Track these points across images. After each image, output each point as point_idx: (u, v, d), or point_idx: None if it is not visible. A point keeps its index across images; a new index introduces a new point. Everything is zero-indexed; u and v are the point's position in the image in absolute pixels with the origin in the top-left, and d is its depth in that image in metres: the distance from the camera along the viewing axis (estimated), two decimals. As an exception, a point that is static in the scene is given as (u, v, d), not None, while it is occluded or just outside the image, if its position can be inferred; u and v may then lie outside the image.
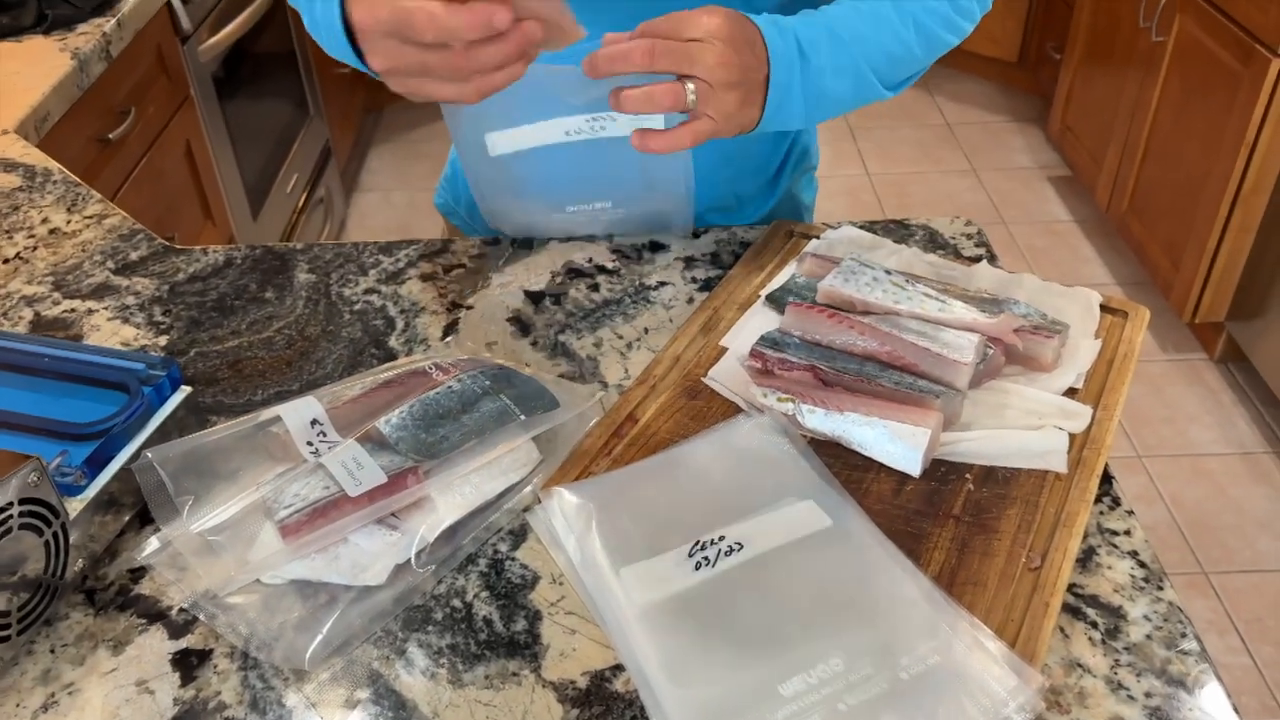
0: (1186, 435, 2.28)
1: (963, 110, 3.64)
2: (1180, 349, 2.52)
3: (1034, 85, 3.55)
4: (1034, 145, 3.40)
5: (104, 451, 0.72)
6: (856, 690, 0.62)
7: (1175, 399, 2.37)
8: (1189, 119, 2.38)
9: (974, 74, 3.84)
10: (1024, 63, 3.58)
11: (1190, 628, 0.67)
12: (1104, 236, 2.92)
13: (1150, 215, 2.58)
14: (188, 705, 0.65)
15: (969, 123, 3.56)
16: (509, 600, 0.71)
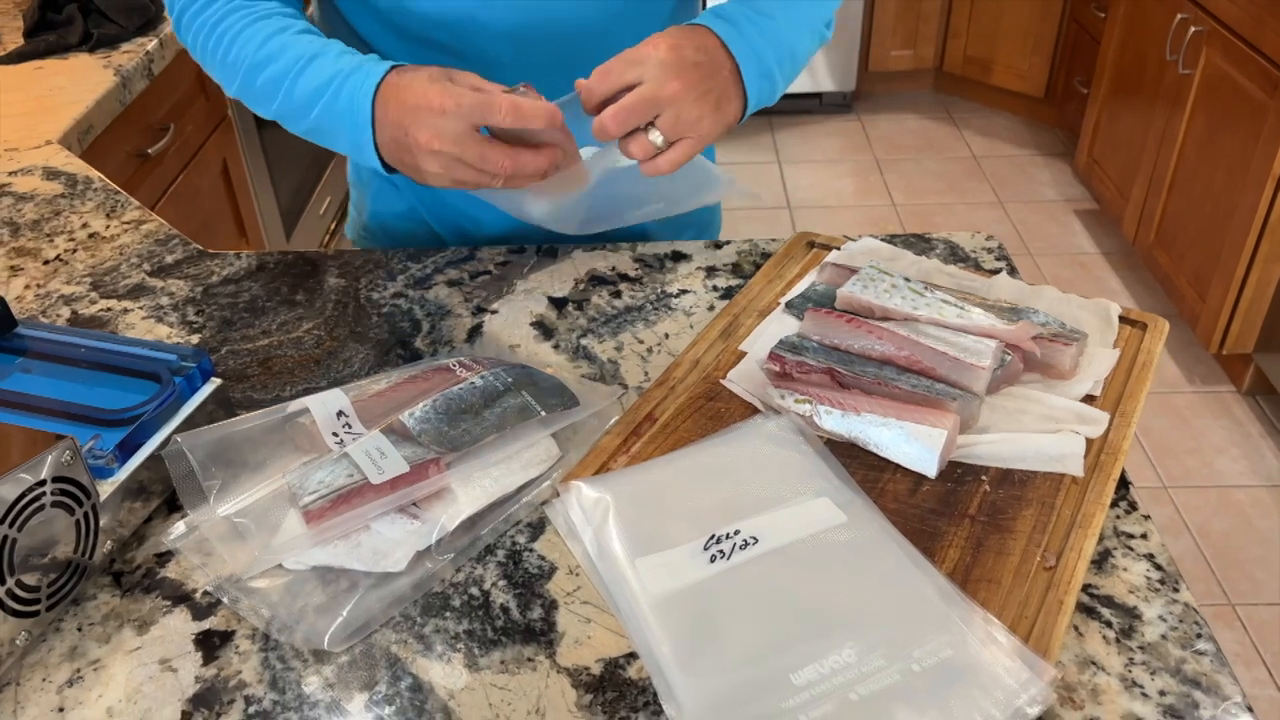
0: (1214, 467, 2.26)
1: (990, 144, 3.65)
2: (1208, 381, 2.50)
3: (1061, 120, 3.56)
4: (1061, 179, 3.40)
5: (135, 437, 0.74)
6: (868, 681, 0.62)
7: (1202, 430, 2.35)
8: (1215, 151, 2.38)
9: (1001, 109, 3.86)
10: (1051, 98, 3.59)
11: (1206, 628, 0.67)
12: (1131, 269, 2.91)
13: (1177, 247, 2.57)
14: (209, 683, 0.66)
15: (996, 156, 3.57)
16: (526, 589, 0.71)
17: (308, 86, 0.87)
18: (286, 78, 0.88)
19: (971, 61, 3.75)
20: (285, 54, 0.89)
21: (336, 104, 0.86)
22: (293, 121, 0.92)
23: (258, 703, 0.65)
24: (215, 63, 0.94)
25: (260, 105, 0.93)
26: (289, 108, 0.90)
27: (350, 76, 0.86)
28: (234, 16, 0.92)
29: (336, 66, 0.87)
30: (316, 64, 0.87)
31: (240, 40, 0.91)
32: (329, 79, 0.86)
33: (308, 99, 0.88)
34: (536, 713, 0.63)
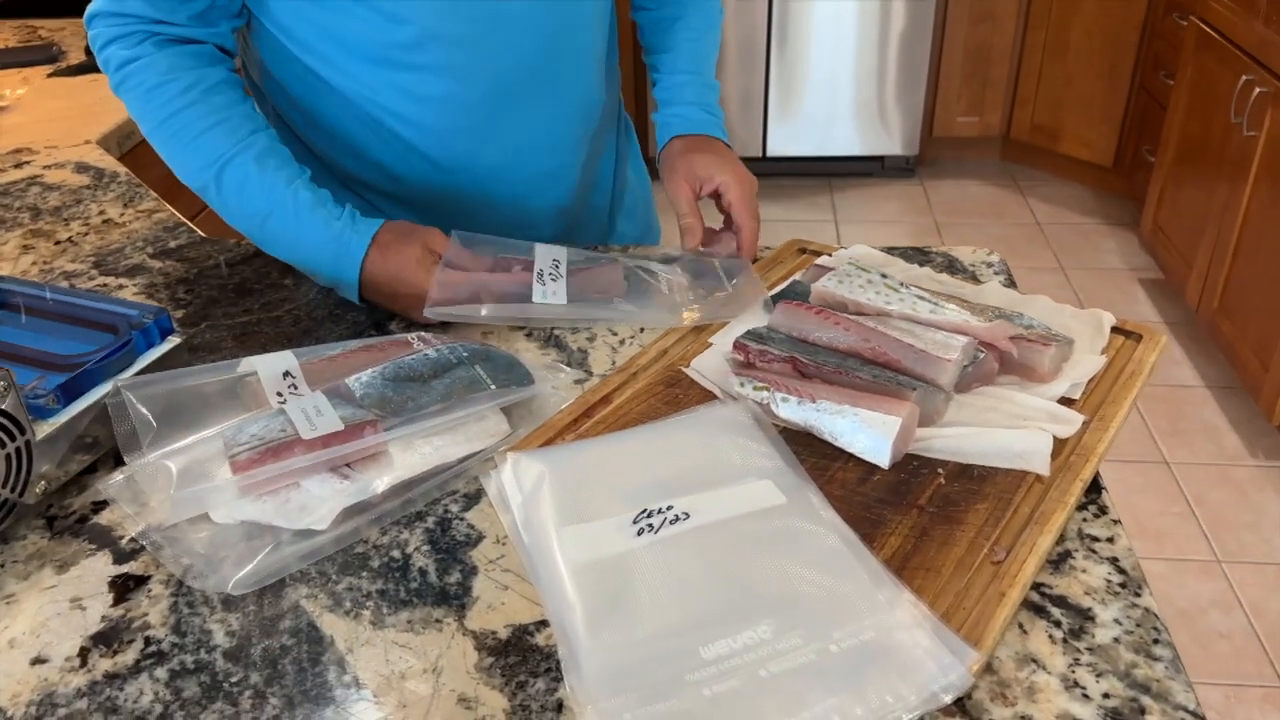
0: (1272, 543, 2.12)
1: (1055, 211, 3.58)
2: (1271, 455, 2.37)
3: (1129, 189, 3.47)
4: (1126, 247, 3.31)
5: (80, 382, 0.74)
6: (781, 659, 0.58)
7: (1262, 505, 2.23)
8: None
9: (1068, 177, 3.79)
10: (1119, 167, 3.51)
11: (1165, 634, 0.62)
12: (1194, 340, 2.80)
13: (1241, 315, 2.47)
14: (112, 622, 0.65)
15: (1060, 223, 3.50)
16: (448, 555, 0.69)
17: (281, 234, 0.93)
18: (257, 216, 0.92)
19: (1039, 129, 3.70)
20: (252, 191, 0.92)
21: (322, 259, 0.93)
22: (266, 245, 0.96)
23: (156, 644, 0.63)
24: (165, 153, 0.95)
25: (225, 214, 0.95)
26: (259, 238, 0.96)
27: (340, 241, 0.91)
28: (191, 113, 0.91)
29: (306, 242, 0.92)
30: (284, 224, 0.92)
31: (202, 143, 0.91)
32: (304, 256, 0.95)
33: (284, 253, 0.96)
34: (433, 671, 0.61)
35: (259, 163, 0.92)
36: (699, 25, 1.15)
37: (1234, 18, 2.52)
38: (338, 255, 0.92)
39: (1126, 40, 3.31)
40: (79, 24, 1.94)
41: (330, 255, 0.92)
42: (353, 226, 0.92)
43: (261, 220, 0.92)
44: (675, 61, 1.13)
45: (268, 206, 0.91)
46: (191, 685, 0.60)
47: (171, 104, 0.91)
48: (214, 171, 0.92)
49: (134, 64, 0.91)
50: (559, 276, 0.91)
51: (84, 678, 0.61)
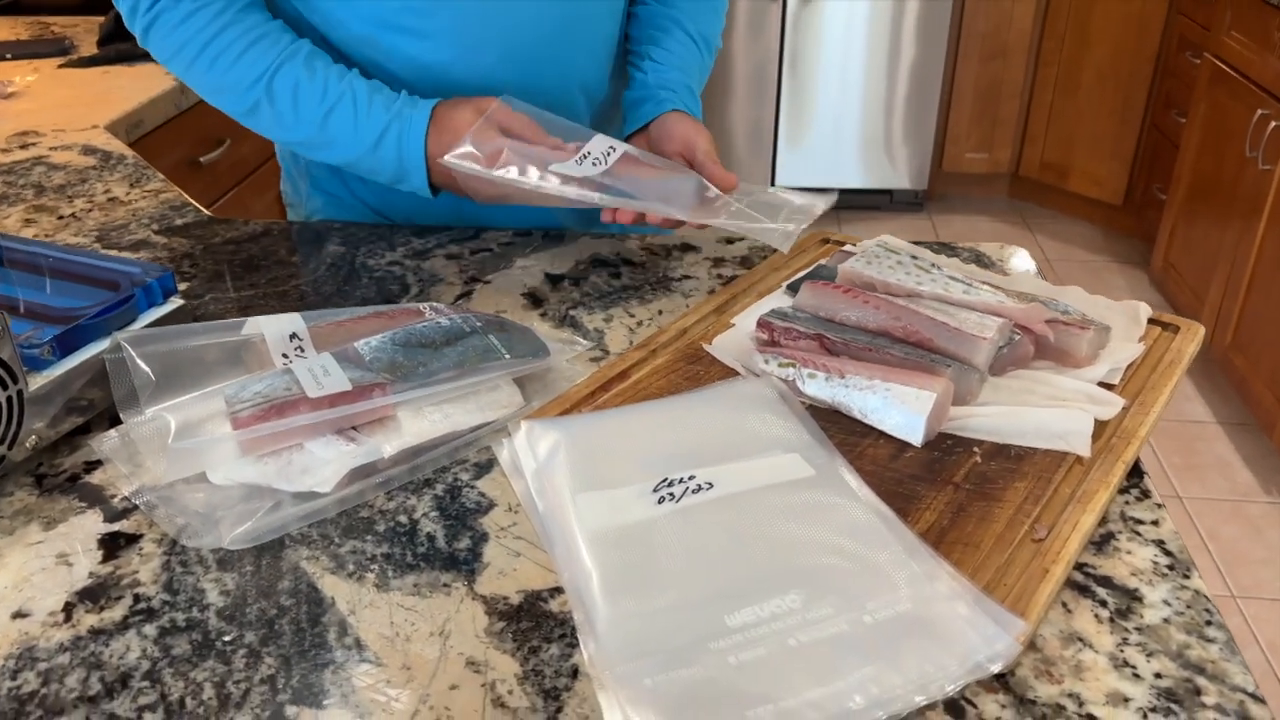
0: (1289, 580, 2.08)
1: (1064, 248, 3.57)
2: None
3: (1139, 229, 3.46)
4: (1136, 285, 3.29)
5: (77, 335, 0.71)
6: (811, 628, 0.55)
7: (1277, 541, 2.18)
8: (1297, 249, 2.27)
9: (1078, 215, 3.78)
10: (1129, 206, 3.50)
11: (1217, 616, 0.58)
12: (1206, 376, 2.77)
13: (1254, 350, 2.44)
14: (100, 579, 0.61)
15: (1069, 260, 3.49)
16: (458, 522, 0.66)
17: (342, 123, 0.90)
18: (317, 110, 0.90)
19: (1048, 167, 3.70)
20: (307, 89, 0.89)
21: (381, 150, 0.90)
22: (315, 152, 0.94)
23: (146, 601, 0.60)
24: (210, 80, 0.92)
25: (276, 130, 0.94)
26: (315, 141, 0.92)
27: (397, 119, 0.89)
28: (230, 34, 0.90)
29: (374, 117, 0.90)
30: (347, 108, 0.90)
31: (247, 60, 0.90)
32: (370, 128, 0.90)
33: (346, 142, 0.91)
34: (440, 634, 0.57)
35: (308, 65, 0.90)
36: (698, 33, 1.10)
37: (1249, 53, 2.52)
38: (400, 136, 0.89)
39: (1138, 79, 3.32)
40: (91, 21, 1.93)
41: (394, 138, 0.90)
42: (411, 104, 0.90)
43: (323, 119, 0.90)
44: (672, 59, 1.07)
45: (327, 103, 0.90)
46: (182, 643, 0.57)
47: (208, 29, 0.89)
48: (264, 84, 0.89)
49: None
50: (602, 164, 0.85)
51: (67, 633, 0.58)
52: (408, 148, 0.90)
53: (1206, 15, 2.84)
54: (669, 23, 1.09)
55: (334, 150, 0.93)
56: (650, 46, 1.08)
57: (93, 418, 0.74)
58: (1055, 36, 3.49)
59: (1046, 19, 3.51)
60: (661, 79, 1.05)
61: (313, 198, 1.14)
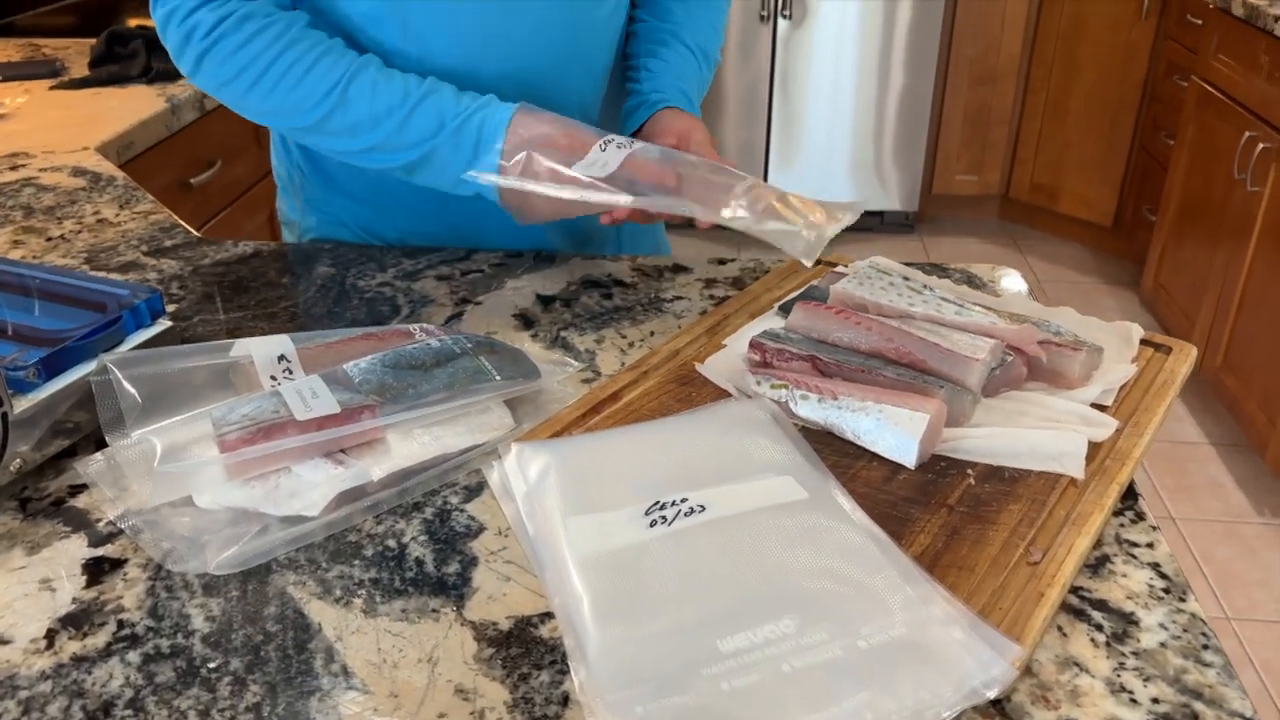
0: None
1: (1054, 270, 3.58)
2: (1278, 512, 2.33)
3: (1129, 250, 3.48)
4: (1126, 306, 3.31)
5: (63, 357, 0.71)
6: (806, 653, 0.54)
7: (1271, 563, 2.18)
8: (1286, 271, 2.28)
9: (1068, 237, 3.80)
10: (1119, 227, 3.52)
11: (1214, 640, 0.58)
12: (1198, 397, 2.77)
13: (1245, 370, 2.45)
14: (84, 604, 0.60)
15: (1060, 281, 3.50)
16: (447, 546, 0.65)
17: (427, 117, 0.89)
18: (399, 109, 0.89)
19: (1038, 189, 3.72)
20: (387, 89, 0.89)
21: (463, 135, 0.89)
22: (388, 155, 0.91)
23: (130, 627, 0.59)
24: (274, 100, 0.91)
25: (345, 138, 0.91)
26: (391, 142, 0.90)
27: (482, 109, 0.89)
28: (298, 49, 0.89)
29: (462, 103, 0.90)
30: (434, 99, 0.89)
31: (317, 72, 0.89)
32: (456, 112, 0.89)
33: (426, 133, 0.89)
34: (428, 661, 0.56)
35: (383, 70, 0.90)
36: (697, 46, 1.11)
37: (1236, 76, 2.54)
38: (484, 119, 0.88)
39: (1127, 103, 3.34)
40: (83, 43, 1.93)
41: (477, 121, 0.88)
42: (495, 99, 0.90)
43: (408, 111, 0.89)
44: (669, 68, 1.08)
45: (416, 95, 0.89)
46: (166, 670, 0.56)
47: (271, 49, 0.89)
48: (339, 91, 0.89)
49: (227, 20, 0.89)
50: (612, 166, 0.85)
51: (49, 660, 0.57)
52: (489, 125, 0.88)
53: (1194, 39, 2.87)
54: (666, 35, 1.10)
55: (406, 148, 0.90)
56: (647, 59, 1.09)
57: (79, 441, 0.74)
58: (1044, 63, 3.52)
59: (1035, 45, 3.54)
60: (656, 85, 1.06)
61: (308, 216, 1.13)
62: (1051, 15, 3.45)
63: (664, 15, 1.11)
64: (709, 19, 1.12)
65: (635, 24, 1.13)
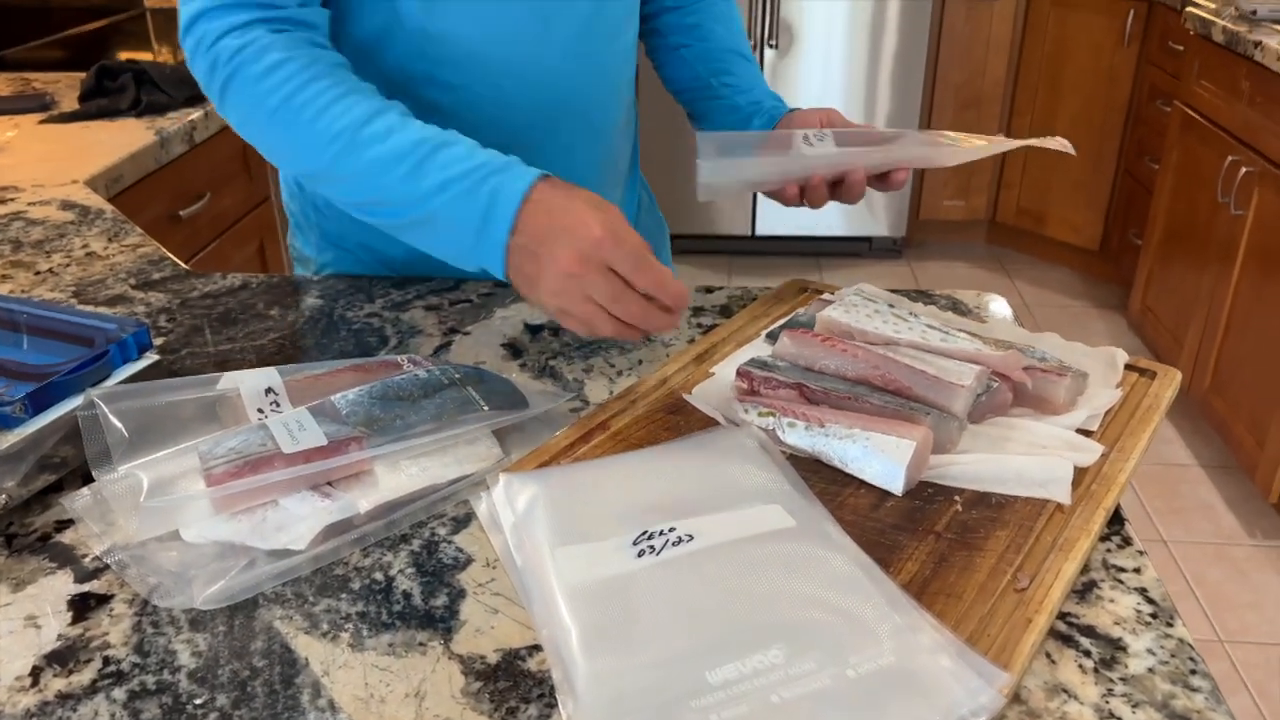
0: (1275, 623, 2.08)
1: (1042, 294, 3.60)
2: (1269, 534, 2.34)
3: (1117, 274, 3.50)
4: (1115, 329, 3.32)
5: (49, 392, 0.70)
6: (795, 684, 0.54)
7: (1263, 585, 2.18)
8: (1271, 290, 2.30)
9: (1056, 261, 3.82)
10: (1106, 251, 3.55)
11: (1202, 665, 0.58)
12: (1187, 419, 2.78)
13: (1233, 392, 2.46)
14: (69, 641, 0.60)
15: (1048, 305, 3.52)
16: (434, 578, 0.65)
17: (438, 173, 0.81)
18: (404, 161, 0.81)
19: (1024, 213, 3.74)
20: (401, 135, 0.82)
21: (473, 198, 0.80)
22: (394, 209, 0.84)
23: (116, 664, 0.58)
24: (290, 135, 0.85)
25: (351, 185, 0.85)
26: (397, 193, 0.82)
27: (498, 173, 0.80)
28: (317, 86, 0.84)
29: (477, 159, 0.81)
30: (449, 151, 0.81)
31: (335, 111, 0.83)
32: (469, 170, 0.80)
33: (434, 187, 0.81)
34: (415, 695, 0.56)
35: (405, 116, 0.84)
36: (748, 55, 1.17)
37: (1218, 101, 2.57)
38: (500, 184, 0.80)
39: (1111, 127, 3.38)
40: (73, 77, 1.94)
41: (494, 185, 0.80)
42: (518, 163, 0.82)
43: (428, 152, 0.81)
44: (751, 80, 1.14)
45: (436, 140, 0.82)
46: (151, 707, 0.55)
47: (295, 79, 0.84)
48: (354, 130, 0.82)
49: (248, 49, 0.84)
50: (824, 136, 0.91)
51: (34, 698, 0.56)
52: (507, 188, 0.80)
53: (1175, 65, 2.90)
54: (725, 52, 1.15)
55: (409, 205, 0.83)
56: (725, 76, 1.14)
57: (65, 476, 0.73)
58: (1028, 87, 3.56)
59: (1019, 70, 3.57)
60: (754, 98, 1.12)
61: (324, 251, 1.13)
62: (1035, 40, 3.49)
63: (707, 36, 1.16)
64: (739, 28, 1.18)
65: (682, 50, 1.16)
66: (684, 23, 1.16)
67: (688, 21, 1.16)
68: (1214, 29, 2.54)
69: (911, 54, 3.52)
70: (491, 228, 0.80)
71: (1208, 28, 2.58)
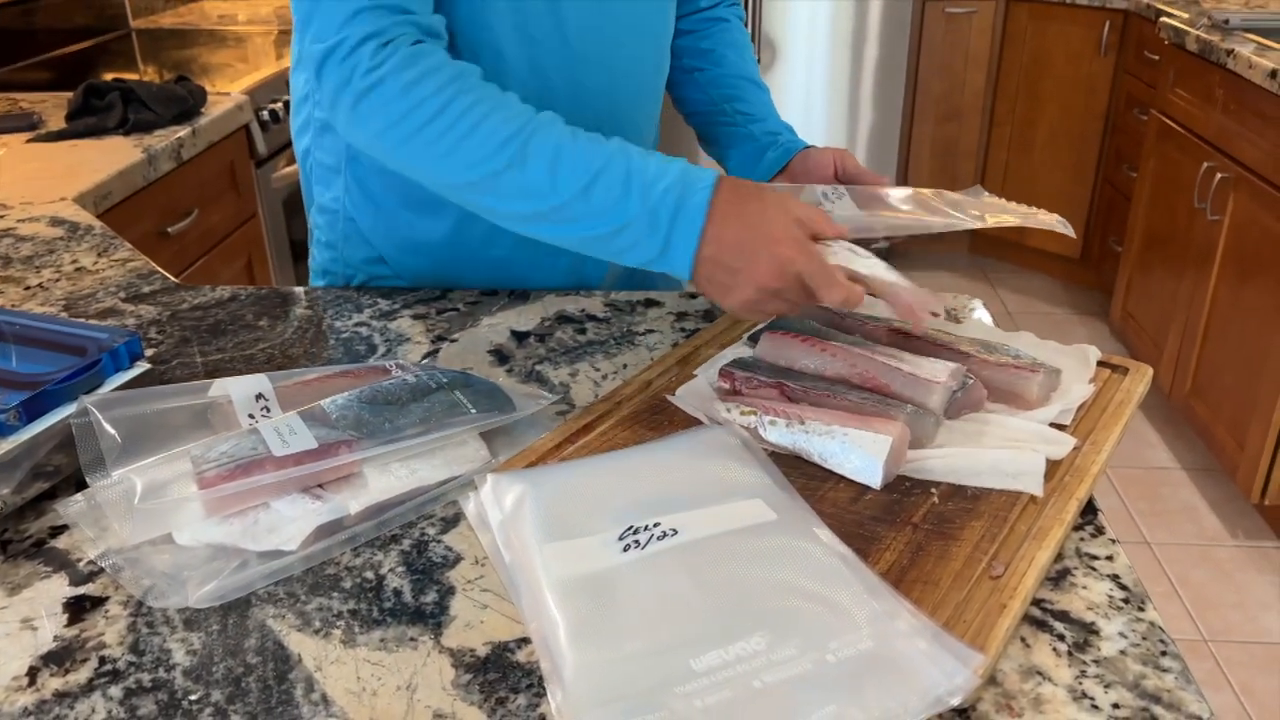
0: (1258, 622, 2.10)
1: (1025, 301, 3.63)
2: (1250, 535, 2.36)
3: (1098, 281, 3.54)
4: (1097, 335, 3.36)
5: (43, 400, 0.72)
6: (776, 669, 0.55)
7: (1245, 584, 2.20)
8: (1248, 295, 2.33)
9: (1037, 269, 3.86)
10: (1087, 259, 3.58)
11: (1172, 646, 0.60)
12: (1169, 423, 2.81)
13: (1213, 395, 2.49)
14: (65, 642, 0.61)
15: (1030, 313, 3.55)
16: (424, 576, 0.66)
17: (615, 186, 0.80)
18: (584, 174, 0.80)
19: (1007, 222, 3.77)
20: (575, 147, 0.81)
21: (661, 206, 0.79)
22: (569, 224, 0.82)
23: (111, 663, 0.59)
24: (440, 147, 0.82)
25: (518, 200, 0.82)
26: (576, 208, 0.81)
27: (684, 179, 0.80)
28: (470, 96, 0.82)
29: (661, 168, 0.81)
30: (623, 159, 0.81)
31: (493, 123, 0.81)
32: (654, 179, 0.80)
33: (617, 200, 0.79)
34: (407, 688, 0.57)
35: (572, 131, 0.82)
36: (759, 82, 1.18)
37: (1193, 109, 2.61)
38: (683, 193, 0.79)
39: (1089, 136, 3.42)
40: (60, 96, 1.95)
41: (676, 196, 0.79)
42: (694, 167, 0.81)
43: (590, 180, 0.79)
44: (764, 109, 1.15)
45: (599, 163, 0.80)
46: (148, 703, 0.56)
47: (443, 93, 0.81)
48: (517, 145, 0.80)
49: (392, 60, 0.82)
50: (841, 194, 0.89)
51: (31, 697, 0.57)
52: (690, 204, 0.79)
53: (1151, 74, 2.94)
54: (737, 79, 1.17)
55: (594, 217, 0.81)
56: (738, 103, 1.15)
57: (59, 482, 0.74)
58: (1007, 98, 3.60)
59: (998, 82, 3.62)
60: (769, 128, 1.12)
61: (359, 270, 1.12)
62: (1014, 51, 3.53)
63: (720, 61, 1.17)
64: (751, 55, 1.20)
65: (696, 74, 1.17)
66: (698, 46, 1.17)
67: (702, 46, 1.17)
68: (1188, 38, 2.58)
69: (892, 67, 3.56)
70: (682, 236, 0.79)
71: (1182, 37, 2.62)
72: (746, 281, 0.78)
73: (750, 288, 0.78)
